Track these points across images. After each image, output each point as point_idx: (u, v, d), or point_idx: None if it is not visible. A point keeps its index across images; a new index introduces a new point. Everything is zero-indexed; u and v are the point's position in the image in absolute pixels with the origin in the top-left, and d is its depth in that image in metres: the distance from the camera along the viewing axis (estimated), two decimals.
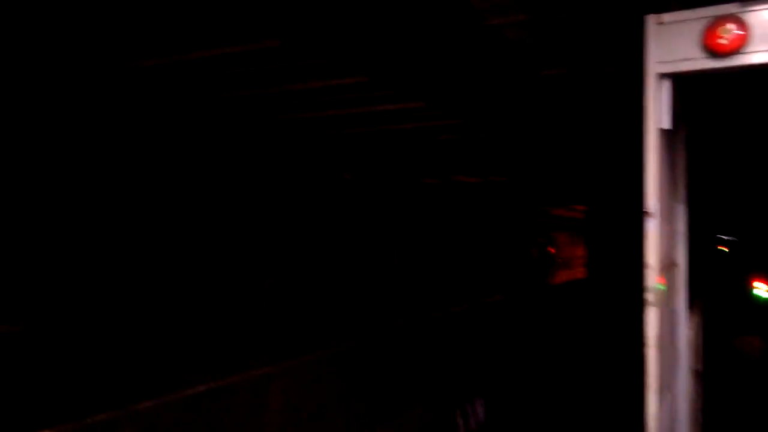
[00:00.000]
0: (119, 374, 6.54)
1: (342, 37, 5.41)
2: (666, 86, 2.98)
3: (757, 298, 14.67)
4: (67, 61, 6.04)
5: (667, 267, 3.51)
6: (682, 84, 3.33)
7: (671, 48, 2.92)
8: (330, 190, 11.42)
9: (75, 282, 6.78)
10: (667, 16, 2.94)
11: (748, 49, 2.77)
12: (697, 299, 4.71)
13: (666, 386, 3.39)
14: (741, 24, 2.76)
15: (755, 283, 14.88)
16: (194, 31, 5.20)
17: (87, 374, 6.28)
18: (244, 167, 9.52)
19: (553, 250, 25.71)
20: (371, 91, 6.85)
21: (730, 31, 2.77)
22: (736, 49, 2.77)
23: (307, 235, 10.74)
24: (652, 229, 2.98)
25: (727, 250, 18.43)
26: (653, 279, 2.96)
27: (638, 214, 3.07)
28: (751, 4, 2.77)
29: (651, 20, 2.97)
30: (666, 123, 2.97)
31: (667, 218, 3.52)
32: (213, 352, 8.04)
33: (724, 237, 18.23)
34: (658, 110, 2.95)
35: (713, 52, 2.81)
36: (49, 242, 6.56)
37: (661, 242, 3.05)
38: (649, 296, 2.94)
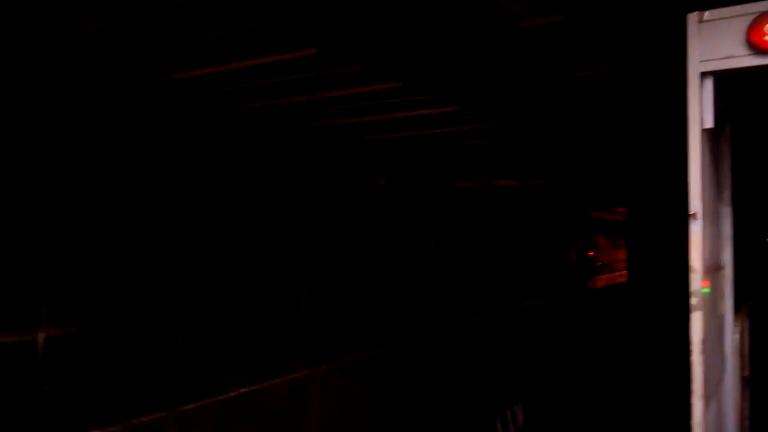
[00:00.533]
0: (163, 376, 6.71)
1: (377, 43, 5.46)
2: (708, 85, 2.91)
3: None
4: (107, 77, 6.28)
5: (713, 270, 3.42)
6: (726, 82, 3.24)
7: (714, 46, 2.85)
8: (365, 195, 11.49)
9: (120, 285, 7.01)
10: (709, 13, 2.88)
11: None
12: (744, 303, 4.56)
13: (712, 393, 3.29)
14: None
15: None
16: (231, 42, 5.33)
17: (133, 375, 6.47)
18: (281, 174, 9.67)
19: (592, 254, 25.21)
20: (406, 96, 6.88)
21: None
22: None
23: (343, 240, 10.82)
24: (697, 231, 2.91)
25: None
26: (698, 283, 2.89)
27: (682, 215, 3.00)
28: None
29: (692, 18, 2.90)
30: (709, 122, 2.90)
31: (712, 220, 3.43)
32: (252, 354, 8.17)
33: None
34: (700, 109, 2.89)
35: (758, 49, 2.74)
36: (93, 249, 6.81)
37: (705, 244, 2.98)
38: (694, 300, 2.87)
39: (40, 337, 5.27)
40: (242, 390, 4.84)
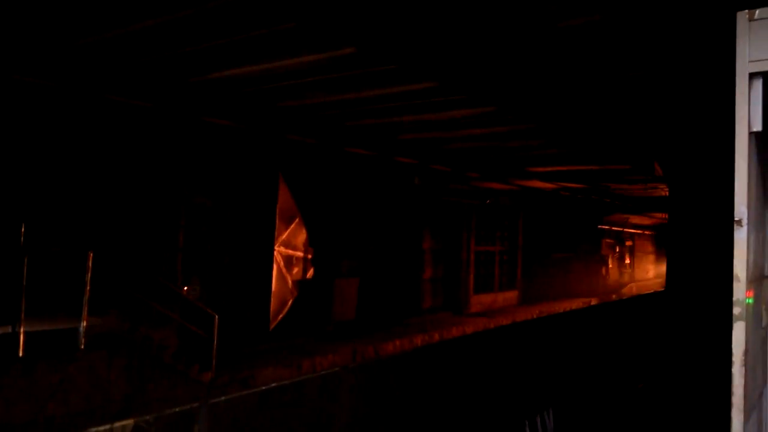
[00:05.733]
0: (200, 365, 6.83)
1: (414, 43, 5.44)
2: (758, 86, 2.80)
3: None
4: (150, 76, 6.43)
5: (757, 279, 3.29)
6: None
7: (764, 45, 2.74)
8: (399, 194, 11.49)
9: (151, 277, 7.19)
10: (760, 12, 2.77)
11: None
12: None
13: (753, 406, 3.17)
14: None
15: None
16: (269, 42, 5.37)
17: (168, 367, 6.61)
18: (314, 175, 9.75)
19: (628, 260, 24.65)
20: (442, 96, 6.83)
21: None
22: None
23: (377, 236, 10.84)
24: (741, 239, 2.80)
25: None
26: (741, 292, 2.78)
27: (726, 222, 2.90)
28: None
29: (742, 16, 2.79)
30: (757, 125, 2.79)
31: (758, 227, 3.30)
32: (284, 350, 8.26)
33: None
34: (749, 111, 2.78)
35: None
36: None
37: (750, 253, 2.87)
38: (737, 310, 2.77)
39: (82, 325, 5.47)
40: (272, 385, 4.90)
